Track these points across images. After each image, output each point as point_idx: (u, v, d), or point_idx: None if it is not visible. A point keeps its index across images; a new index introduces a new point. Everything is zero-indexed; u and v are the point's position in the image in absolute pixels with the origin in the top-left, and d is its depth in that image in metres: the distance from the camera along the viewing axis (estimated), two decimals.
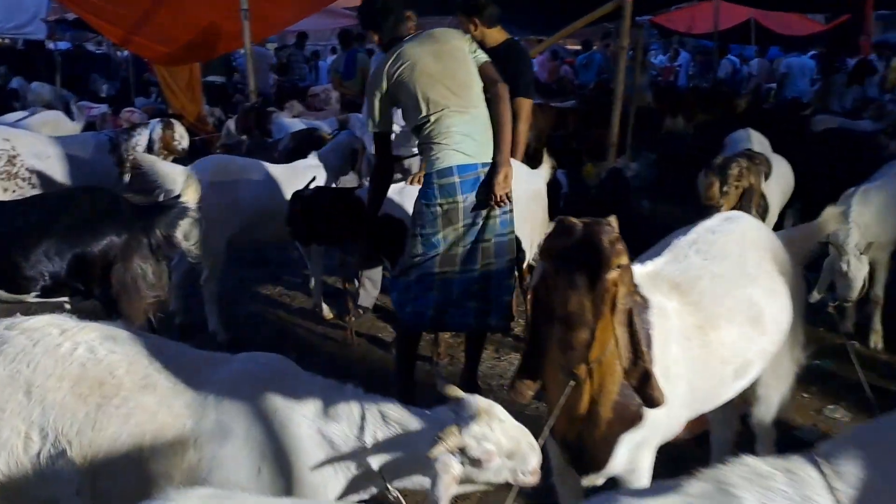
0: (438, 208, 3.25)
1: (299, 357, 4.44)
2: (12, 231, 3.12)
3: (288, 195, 4.42)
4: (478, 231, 3.30)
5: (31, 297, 3.21)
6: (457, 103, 3.23)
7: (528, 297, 1.91)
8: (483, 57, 3.38)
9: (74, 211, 3.19)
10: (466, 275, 3.33)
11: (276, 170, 4.83)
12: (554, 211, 4.69)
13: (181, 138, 5.71)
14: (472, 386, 3.73)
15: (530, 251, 4.48)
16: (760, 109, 11.87)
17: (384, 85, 3.28)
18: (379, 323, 4.91)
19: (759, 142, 4.96)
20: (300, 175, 4.74)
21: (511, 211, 3.42)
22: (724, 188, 3.89)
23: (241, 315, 4.98)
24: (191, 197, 3.30)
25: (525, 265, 4.48)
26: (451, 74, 3.23)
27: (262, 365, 2.06)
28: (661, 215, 7.76)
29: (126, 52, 15.68)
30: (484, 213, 3.29)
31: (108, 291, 3.18)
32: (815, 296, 4.44)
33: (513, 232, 3.45)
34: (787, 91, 14.19)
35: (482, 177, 3.26)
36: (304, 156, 6.77)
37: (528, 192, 4.36)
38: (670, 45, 20.74)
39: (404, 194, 4.01)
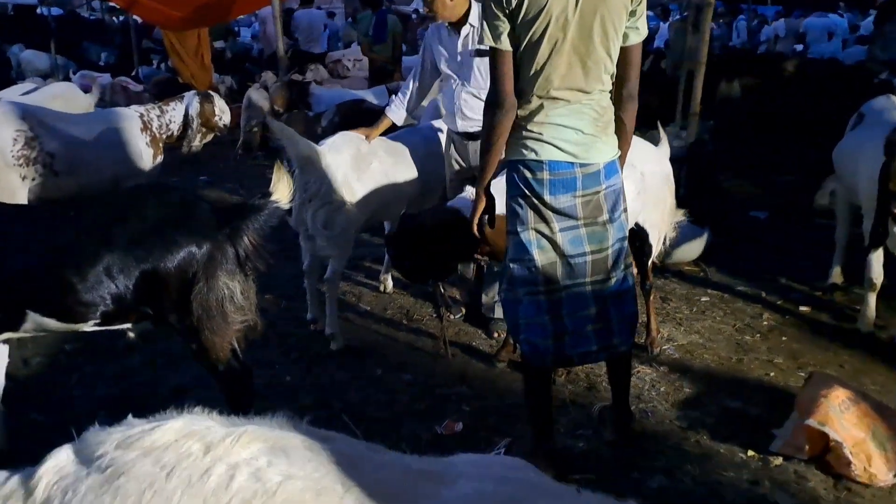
0: (524, 201, 2.62)
1: (387, 373, 3.80)
2: (63, 243, 2.39)
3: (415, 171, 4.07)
4: (582, 240, 2.65)
5: (88, 326, 2.49)
6: (571, 94, 2.54)
7: None
8: (639, 34, 2.59)
9: (141, 215, 2.46)
10: (574, 291, 2.68)
11: (398, 144, 4.22)
12: None
13: (222, 113, 4.96)
14: (625, 417, 3.05)
15: (657, 245, 3.78)
16: (807, 73, 11.12)
17: (512, 3, 2.45)
18: (468, 328, 4.21)
19: None
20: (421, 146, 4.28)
21: (626, 210, 2.78)
22: None
23: (305, 320, 4.26)
24: (283, 194, 2.58)
25: (650, 262, 3.79)
26: (591, 44, 2.49)
27: (507, 481, 1.33)
28: (735, 191, 7.06)
29: (122, 18, 14.76)
30: (584, 219, 2.63)
31: (188, 318, 2.46)
32: None
33: (626, 235, 2.80)
34: (811, 53, 13.36)
35: (579, 178, 2.59)
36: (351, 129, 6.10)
37: (658, 174, 3.68)
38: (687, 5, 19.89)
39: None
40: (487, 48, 2.56)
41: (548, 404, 2.86)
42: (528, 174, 2.59)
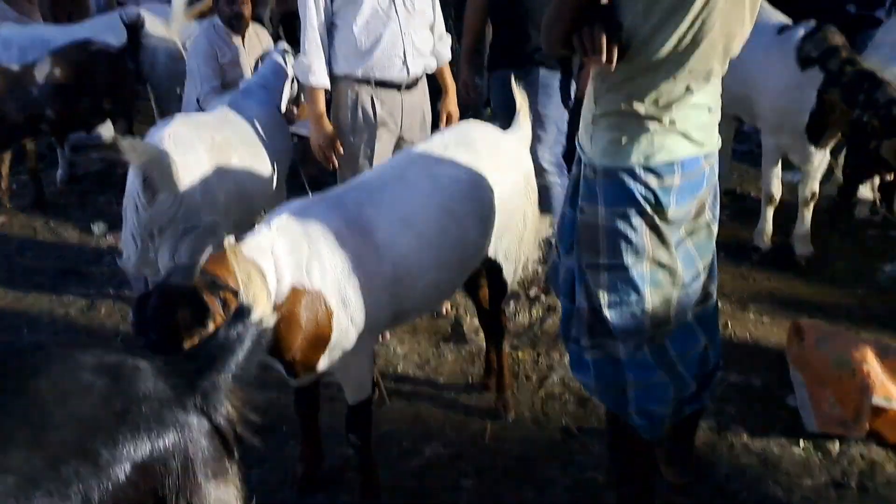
0: (640, 220, 1.84)
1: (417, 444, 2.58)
2: None
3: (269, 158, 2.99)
4: (693, 257, 1.96)
5: None
6: (716, 67, 1.82)
7: None
8: None
9: (30, 421, 1.12)
10: (681, 325, 2.00)
11: (240, 118, 2.98)
12: None
13: None
14: (691, 451, 2.43)
15: (514, 278, 2.70)
16: None
17: None
18: (397, 349, 3.20)
19: None
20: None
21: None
22: None
23: None
24: (263, 300, 1.42)
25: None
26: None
27: None
28: None
29: None
30: (687, 225, 1.92)
31: None
32: None
33: None
34: None
35: (705, 174, 1.90)
36: (85, 91, 4.54)
37: (516, 178, 2.61)
38: None
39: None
40: None
41: (652, 485, 2.15)
42: (653, 181, 1.79)
